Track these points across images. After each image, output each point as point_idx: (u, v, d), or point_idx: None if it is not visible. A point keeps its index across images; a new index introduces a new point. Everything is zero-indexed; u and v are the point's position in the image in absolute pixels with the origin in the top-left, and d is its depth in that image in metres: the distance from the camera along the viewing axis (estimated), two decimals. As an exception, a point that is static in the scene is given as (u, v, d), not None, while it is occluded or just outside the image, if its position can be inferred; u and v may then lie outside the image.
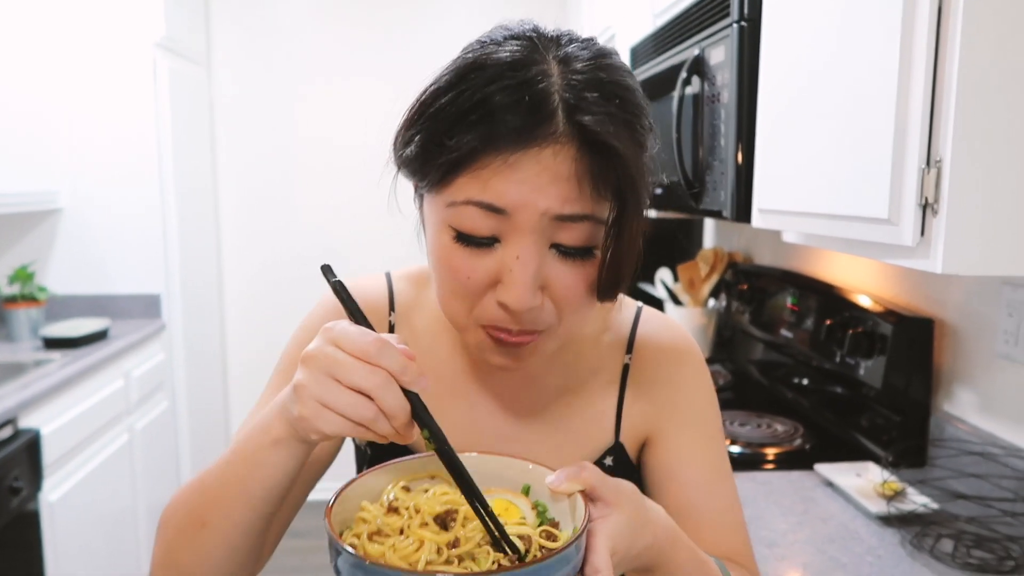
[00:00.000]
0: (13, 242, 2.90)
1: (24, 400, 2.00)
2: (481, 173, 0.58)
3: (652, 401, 0.80)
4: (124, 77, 2.87)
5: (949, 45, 0.90)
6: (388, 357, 0.54)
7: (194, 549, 0.64)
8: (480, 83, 0.58)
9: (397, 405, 0.54)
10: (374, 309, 0.79)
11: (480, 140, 0.57)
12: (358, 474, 0.56)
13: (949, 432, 1.43)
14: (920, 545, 1.19)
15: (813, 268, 2.00)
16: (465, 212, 0.60)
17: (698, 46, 1.57)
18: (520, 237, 0.60)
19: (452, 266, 0.63)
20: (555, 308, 0.64)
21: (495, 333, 0.64)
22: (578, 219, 0.60)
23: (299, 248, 3.65)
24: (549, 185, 0.58)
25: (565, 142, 0.58)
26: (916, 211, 0.95)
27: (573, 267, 0.63)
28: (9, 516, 1.90)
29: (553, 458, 0.76)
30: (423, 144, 0.61)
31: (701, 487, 0.78)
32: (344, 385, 0.54)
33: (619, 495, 0.58)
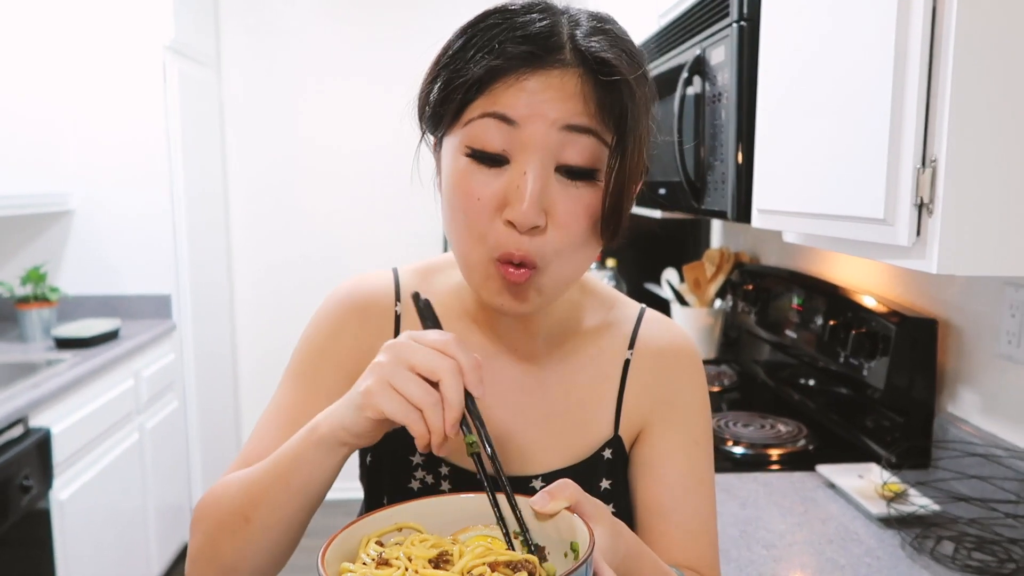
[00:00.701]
0: (25, 243, 2.94)
1: (35, 399, 2.02)
2: (494, 91, 0.64)
3: (648, 397, 0.81)
4: (134, 80, 2.90)
5: (944, 43, 0.89)
6: (462, 352, 0.59)
7: (236, 543, 0.67)
8: (495, 22, 0.65)
9: (456, 397, 0.58)
10: (379, 300, 0.81)
11: (494, 64, 0.63)
12: (329, 538, 0.56)
13: (952, 433, 1.42)
14: (920, 547, 1.18)
15: (819, 268, 1.99)
16: (479, 126, 0.64)
17: (699, 46, 1.57)
18: (528, 154, 0.64)
19: (464, 188, 0.66)
20: (556, 237, 0.66)
21: (503, 269, 0.66)
22: (583, 131, 0.64)
23: (308, 250, 3.67)
24: (557, 100, 0.63)
25: (572, 65, 0.63)
26: (912, 211, 0.95)
27: (576, 193, 0.65)
28: (20, 514, 1.93)
29: (554, 441, 0.78)
30: (444, 82, 0.66)
31: (677, 489, 0.78)
32: (415, 371, 0.58)
33: (598, 510, 0.59)
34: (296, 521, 0.67)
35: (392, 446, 0.78)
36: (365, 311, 0.80)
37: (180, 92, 3.00)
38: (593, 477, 0.78)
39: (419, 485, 0.78)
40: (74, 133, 2.89)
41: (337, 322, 0.80)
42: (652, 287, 2.73)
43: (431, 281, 0.83)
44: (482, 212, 0.65)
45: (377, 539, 0.57)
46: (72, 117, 2.88)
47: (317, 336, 0.80)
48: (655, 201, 2.02)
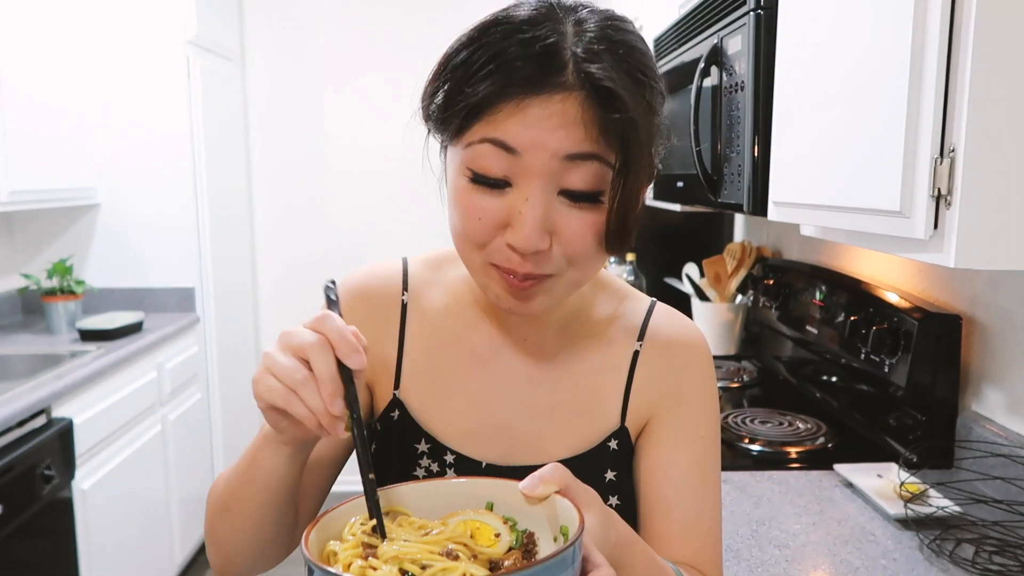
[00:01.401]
0: (52, 237, 2.99)
1: (57, 390, 2.05)
2: (496, 117, 0.62)
3: (656, 390, 0.79)
4: (157, 75, 2.93)
5: (963, 30, 0.86)
6: (330, 324, 0.57)
7: (225, 528, 0.72)
8: (498, 37, 0.63)
9: (326, 370, 0.56)
10: (387, 290, 0.81)
11: (495, 87, 0.61)
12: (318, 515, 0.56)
13: (976, 433, 1.38)
14: (939, 550, 1.15)
15: (841, 263, 1.95)
16: (480, 151, 0.63)
17: (716, 36, 1.54)
18: (530, 180, 0.63)
19: (465, 207, 0.65)
20: (563, 253, 0.66)
21: (503, 274, 0.66)
22: (586, 158, 0.63)
23: (332, 246, 3.68)
24: (558, 128, 0.61)
25: (574, 90, 0.61)
26: (929, 203, 0.92)
27: (581, 214, 0.65)
28: (42, 502, 1.96)
29: (561, 431, 0.77)
30: (446, 94, 0.65)
31: (681, 483, 0.77)
32: (288, 350, 0.58)
33: (588, 495, 0.58)
34: (267, 515, 0.69)
35: (397, 434, 0.78)
36: (372, 300, 0.80)
37: (203, 88, 3.02)
38: (599, 468, 0.77)
39: (424, 473, 0.77)
40: (100, 129, 2.93)
41: (344, 312, 0.80)
42: (672, 282, 2.70)
43: (442, 271, 0.83)
44: (483, 230, 0.66)
45: (363, 521, 0.57)
46: (98, 113, 2.92)
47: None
48: (674, 195, 1.99)
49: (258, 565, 0.75)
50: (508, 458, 0.77)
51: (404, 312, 0.80)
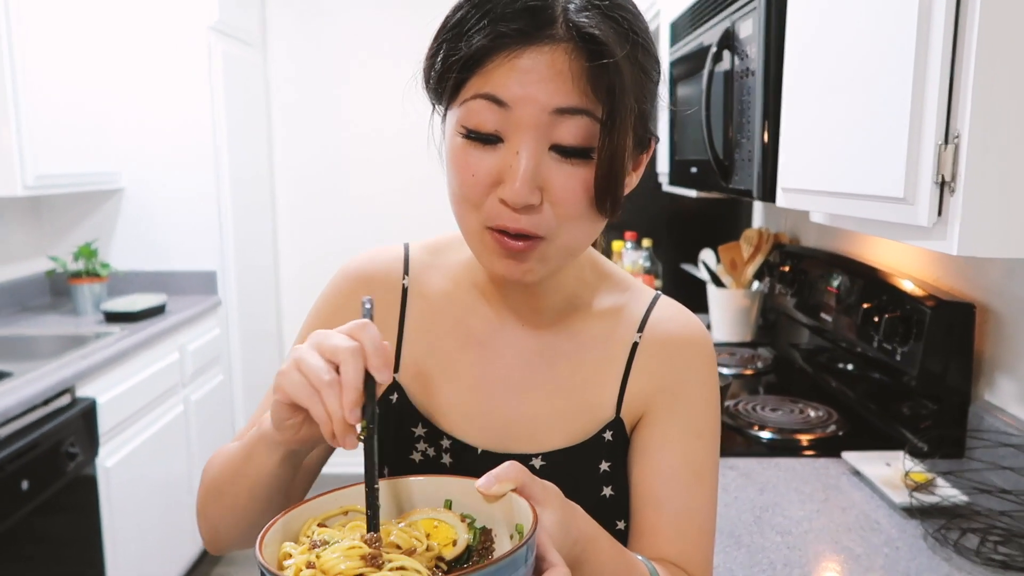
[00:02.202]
0: (78, 221, 3.05)
1: (81, 370, 2.10)
2: (488, 71, 0.63)
3: (653, 383, 0.78)
4: (180, 61, 2.97)
5: (968, 16, 0.85)
6: (367, 334, 0.57)
7: (216, 507, 0.74)
8: None
9: (352, 378, 0.56)
10: (388, 274, 0.82)
11: (487, 40, 0.63)
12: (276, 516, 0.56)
13: (988, 422, 1.36)
14: (943, 539, 1.14)
15: (858, 250, 1.93)
16: (473, 108, 0.65)
17: (729, 19, 1.52)
18: (520, 134, 0.64)
19: (460, 165, 0.67)
20: (554, 213, 0.66)
21: (498, 237, 0.67)
22: (574, 112, 0.63)
23: (353, 232, 3.71)
24: (547, 80, 0.62)
25: (562, 41, 0.63)
26: (933, 189, 0.90)
27: (572, 170, 0.65)
28: (66, 479, 2.02)
29: (556, 419, 0.77)
30: (443, 54, 0.67)
31: (672, 480, 0.76)
32: (320, 351, 0.58)
33: (546, 492, 0.58)
34: (257, 506, 0.70)
35: (394, 418, 0.79)
36: (371, 284, 0.81)
37: (224, 73, 3.05)
38: (593, 458, 0.77)
39: (420, 457, 0.78)
40: (123, 114, 2.98)
41: (343, 295, 0.82)
42: (688, 268, 2.69)
43: (441, 256, 0.83)
44: (477, 186, 0.66)
45: (320, 522, 0.57)
46: (121, 98, 2.96)
47: (324, 308, 0.82)
48: (688, 180, 1.98)
49: (244, 543, 0.75)
50: (504, 445, 0.77)
51: (404, 296, 0.81)
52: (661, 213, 2.84)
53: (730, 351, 2.25)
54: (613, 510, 0.76)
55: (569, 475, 0.74)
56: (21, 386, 1.91)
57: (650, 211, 2.83)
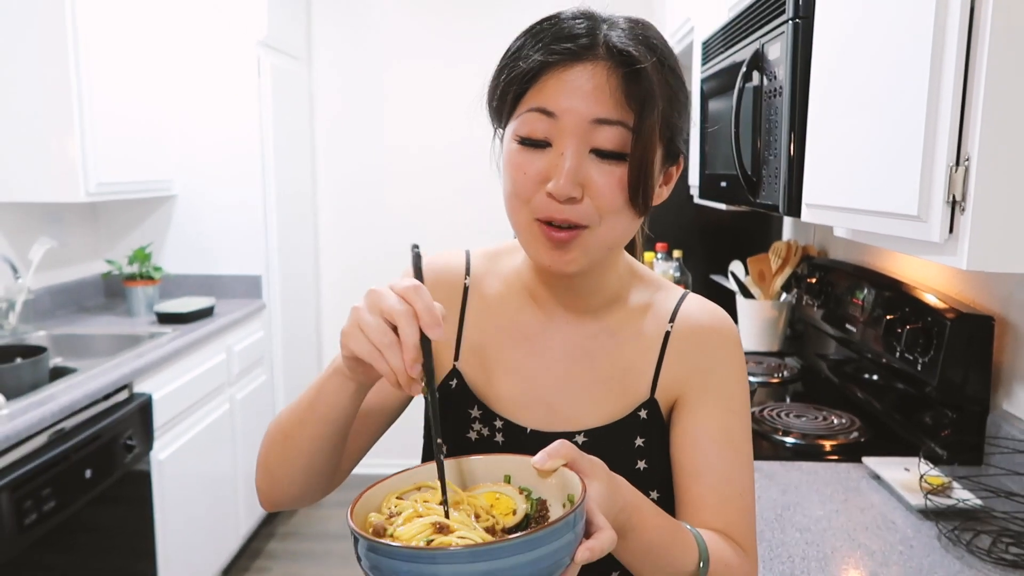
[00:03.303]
0: (133, 226, 3.20)
1: (138, 368, 2.23)
2: (540, 87, 0.76)
3: (685, 367, 0.87)
4: (231, 75, 3.11)
5: (979, 47, 0.92)
6: (420, 299, 0.66)
7: (279, 455, 0.82)
8: (547, 27, 0.78)
9: (411, 339, 0.65)
10: (452, 273, 0.93)
11: (540, 61, 0.76)
12: (361, 491, 0.66)
13: (1006, 430, 1.41)
14: (957, 539, 1.20)
15: (884, 263, 1.98)
16: (526, 119, 0.77)
17: (759, 42, 1.60)
18: (565, 139, 0.75)
19: (515, 166, 0.78)
20: (595, 206, 0.77)
21: (545, 229, 0.77)
22: (611, 123, 0.75)
23: (392, 243, 3.80)
24: (588, 94, 0.74)
25: (603, 61, 0.75)
26: (944, 208, 0.97)
27: (609, 169, 0.76)
28: (124, 470, 2.14)
29: (596, 403, 0.87)
30: (505, 78, 0.79)
31: (710, 451, 0.84)
32: (379, 313, 0.66)
33: (593, 466, 0.66)
34: (325, 444, 0.79)
35: (454, 400, 0.89)
36: (439, 280, 0.92)
37: (272, 86, 3.19)
38: (629, 434, 0.86)
39: (476, 436, 0.88)
40: (177, 125, 3.13)
41: None
42: (718, 279, 2.75)
43: (498, 262, 0.94)
44: (528, 183, 0.77)
45: (398, 496, 0.67)
46: (176, 111, 3.12)
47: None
48: (718, 194, 2.05)
49: (303, 496, 0.84)
50: (549, 425, 0.86)
51: (465, 294, 0.92)
52: (692, 225, 2.91)
53: (757, 360, 2.31)
54: (647, 481, 0.85)
55: (607, 449, 0.82)
56: (85, 381, 2.04)
57: (681, 223, 2.90)
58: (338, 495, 3.38)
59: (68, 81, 2.46)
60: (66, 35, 2.44)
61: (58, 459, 1.85)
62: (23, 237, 2.70)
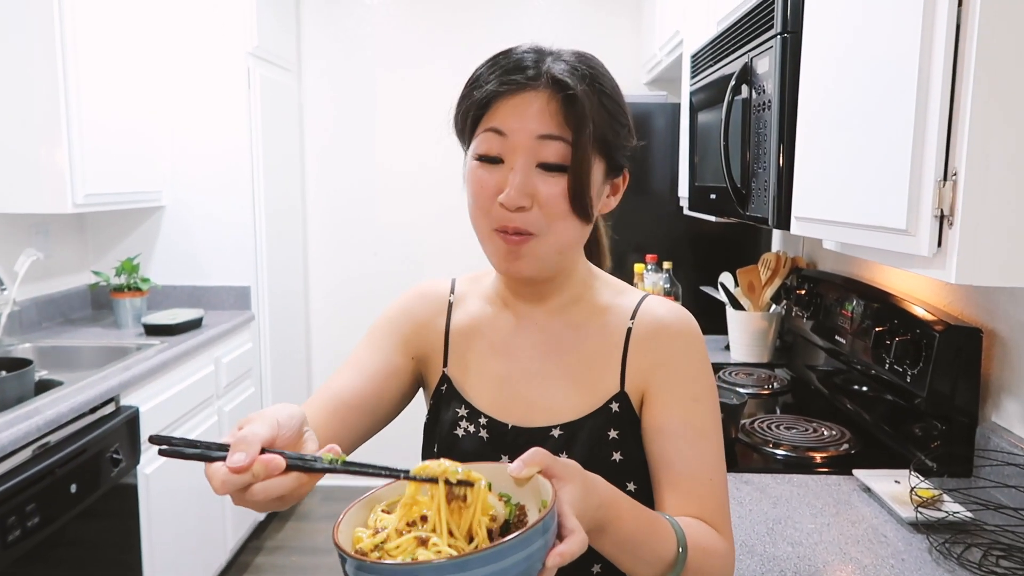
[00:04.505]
0: (121, 237, 3.18)
1: (126, 380, 2.21)
2: (494, 111, 0.88)
3: (647, 360, 0.94)
4: (220, 86, 3.11)
5: (966, 60, 0.92)
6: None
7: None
8: (500, 61, 0.89)
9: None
10: (438, 293, 1.05)
11: (494, 88, 0.87)
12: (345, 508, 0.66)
13: (995, 442, 1.42)
14: (948, 552, 1.20)
15: (872, 275, 1.99)
16: (483, 139, 0.88)
17: (747, 56, 1.61)
18: (515, 155, 0.86)
19: (475, 181, 0.89)
20: (542, 215, 0.86)
21: (502, 237, 0.87)
22: (553, 138, 0.85)
23: (381, 256, 3.82)
24: (533, 115, 0.86)
25: (545, 87, 0.86)
26: (932, 222, 0.98)
27: (553, 180, 0.86)
28: (110, 484, 2.12)
29: (568, 397, 0.95)
30: (467, 107, 0.90)
31: (679, 440, 0.89)
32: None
33: (567, 469, 0.69)
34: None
35: (445, 402, 0.99)
36: (427, 298, 1.05)
37: (262, 97, 3.19)
38: (602, 426, 0.92)
39: (463, 432, 0.96)
40: (166, 136, 3.12)
41: (406, 300, 1.05)
42: (708, 290, 2.76)
43: (477, 283, 1.06)
44: (486, 196, 0.88)
45: (385, 508, 0.68)
46: (164, 121, 3.11)
47: (389, 311, 1.05)
48: (707, 206, 2.05)
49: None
50: (528, 420, 0.94)
51: (450, 309, 1.03)
52: (681, 236, 2.92)
53: (747, 372, 2.31)
54: (623, 473, 0.91)
55: (583, 442, 0.91)
56: (71, 394, 2.02)
57: (671, 234, 2.91)
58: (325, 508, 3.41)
59: (56, 91, 2.44)
60: (54, 44, 2.42)
61: (43, 474, 1.83)
62: (9, 248, 2.67)
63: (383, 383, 0.97)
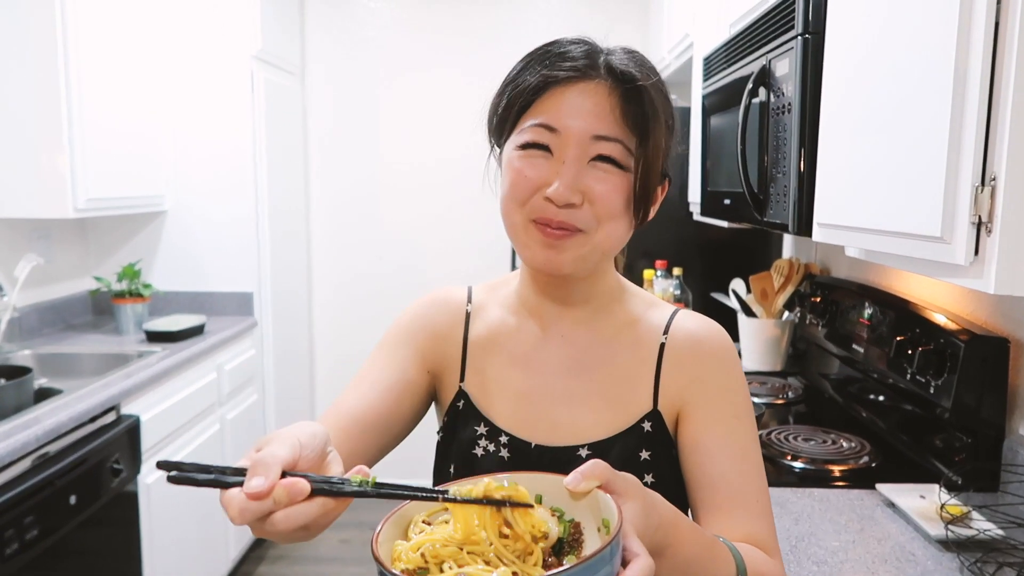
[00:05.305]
0: (122, 242, 3.14)
1: (127, 388, 2.17)
2: (542, 104, 0.80)
3: (684, 377, 0.88)
4: (224, 89, 3.07)
5: (1007, 59, 0.88)
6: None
7: None
8: (549, 50, 0.82)
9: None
10: (456, 301, 0.98)
11: (543, 80, 0.80)
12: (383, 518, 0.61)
13: (1023, 456, 1.37)
14: (980, 572, 1.15)
15: (889, 282, 1.94)
16: (530, 131, 0.81)
17: (765, 58, 1.57)
18: (567, 149, 0.79)
19: (514, 168, 0.81)
20: (593, 213, 0.80)
21: (541, 228, 0.80)
22: (610, 140, 0.79)
23: (386, 260, 3.78)
24: (589, 112, 0.79)
25: (602, 79, 0.80)
26: (969, 229, 0.94)
27: (608, 178, 0.80)
28: (111, 494, 2.07)
29: (598, 415, 0.88)
30: (507, 100, 0.83)
31: (722, 459, 0.83)
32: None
33: (628, 485, 0.62)
34: None
35: (462, 419, 0.92)
36: (444, 307, 0.97)
37: (266, 101, 3.15)
38: (634, 447, 0.86)
39: (482, 452, 0.90)
40: (169, 140, 3.08)
41: (420, 309, 0.98)
42: (719, 297, 2.71)
43: (496, 292, 0.99)
44: (526, 186, 0.81)
45: (425, 519, 0.62)
46: (168, 125, 3.07)
47: (403, 319, 0.98)
48: (721, 211, 2.01)
49: None
50: (553, 439, 0.88)
51: (468, 319, 0.96)
52: (692, 242, 2.87)
53: (761, 380, 2.27)
54: None
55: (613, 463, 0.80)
56: (71, 403, 1.98)
57: (681, 240, 2.86)
58: (332, 521, 3.21)
59: (58, 94, 2.41)
60: (56, 47, 2.39)
61: (42, 485, 1.78)
62: (9, 254, 2.63)
63: (398, 399, 0.90)
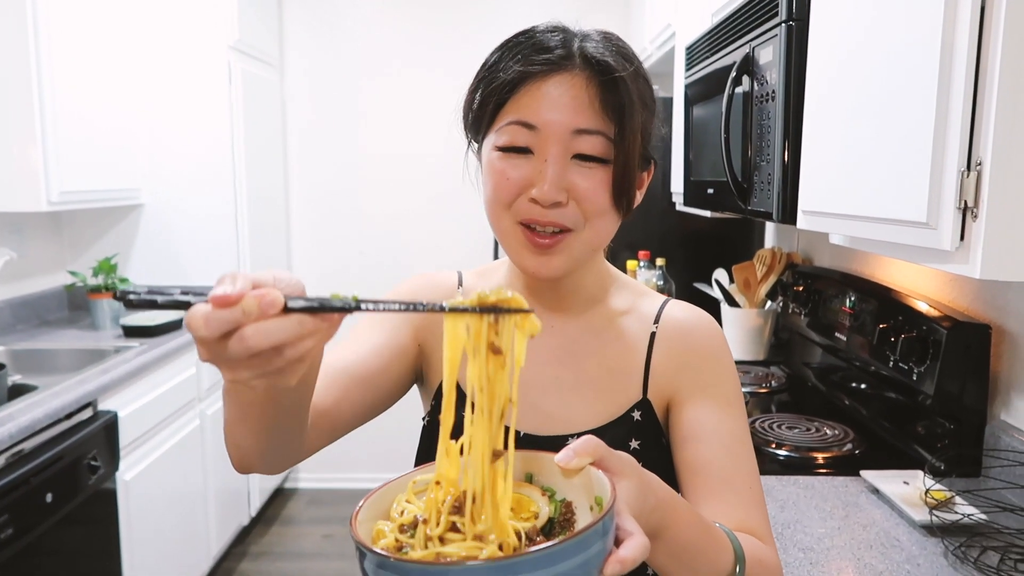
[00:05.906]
0: (98, 236, 3.09)
1: (103, 384, 2.13)
2: (520, 100, 0.78)
3: (674, 366, 0.88)
4: (200, 80, 3.02)
5: (992, 43, 0.88)
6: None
7: (238, 433, 0.68)
8: (522, 40, 0.80)
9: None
10: (446, 284, 0.96)
11: (518, 73, 0.77)
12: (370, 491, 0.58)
13: (1004, 442, 1.38)
14: (964, 556, 1.16)
15: (872, 270, 1.95)
16: (507, 131, 0.78)
17: (748, 46, 1.56)
18: (548, 147, 0.77)
19: (497, 172, 0.80)
20: (580, 210, 0.79)
21: (529, 235, 0.79)
22: (591, 133, 0.77)
23: (366, 250, 3.75)
24: (568, 105, 0.77)
25: (579, 70, 0.77)
26: (955, 214, 0.93)
27: (592, 173, 0.79)
28: (88, 492, 2.04)
29: (587, 404, 0.87)
30: (482, 92, 0.81)
31: (714, 449, 0.82)
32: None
33: (623, 464, 0.60)
34: (280, 427, 0.68)
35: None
36: (435, 288, 0.95)
37: (244, 92, 3.11)
38: (623, 436, 0.85)
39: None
40: (145, 132, 3.03)
41: (413, 286, 0.96)
42: (702, 287, 2.72)
43: (485, 277, 0.97)
44: (511, 189, 0.79)
45: (408, 499, 0.60)
46: (143, 116, 3.02)
47: (401, 288, 0.96)
48: (704, 201, 2.01)
49: (272, 466, 0.74)
50: (543, 429, 0.86)
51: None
52: (674, 232, 2.87)
53: (744, 369, 2.27)
54: None
55: None
56: (47, 399, 1.94)
57: (663, 230, 2.86)
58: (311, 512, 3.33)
59: (30, 84, 2.35)
60: (27, 36, 2.33)
61: (17, 483, 1.75)
62: (-19, 248, 2.58)
63: (388, 359, 0.86)
